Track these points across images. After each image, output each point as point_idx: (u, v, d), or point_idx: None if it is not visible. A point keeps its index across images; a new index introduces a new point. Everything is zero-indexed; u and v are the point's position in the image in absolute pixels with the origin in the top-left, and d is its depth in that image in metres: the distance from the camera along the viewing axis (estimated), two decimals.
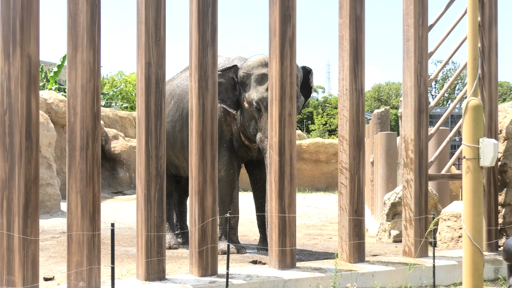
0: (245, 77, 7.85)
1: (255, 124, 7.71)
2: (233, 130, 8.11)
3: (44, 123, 14.39)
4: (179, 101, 8.57)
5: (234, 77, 7.92)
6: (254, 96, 7.63)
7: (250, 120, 7.75)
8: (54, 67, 28.55)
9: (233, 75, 7.93)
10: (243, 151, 8.18)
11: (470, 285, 4.39)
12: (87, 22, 5.33)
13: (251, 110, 7.68)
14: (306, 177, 24.52)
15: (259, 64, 7.81)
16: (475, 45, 4.65)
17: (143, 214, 5.69)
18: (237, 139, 8.10)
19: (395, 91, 61.23)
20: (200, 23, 6.02)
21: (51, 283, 6.05)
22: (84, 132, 5.30)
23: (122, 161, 22.14)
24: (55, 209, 14.11)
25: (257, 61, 7.86)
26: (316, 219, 14.14)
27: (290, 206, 6.39)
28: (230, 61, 8.41)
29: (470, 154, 4.47)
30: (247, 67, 7.89)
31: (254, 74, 7.77)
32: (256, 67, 7.81)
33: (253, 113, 7.67)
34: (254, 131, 7.72)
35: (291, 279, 5.98)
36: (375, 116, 16.34)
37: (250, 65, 7.89)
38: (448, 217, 8.45)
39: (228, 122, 8.10)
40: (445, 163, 9.22)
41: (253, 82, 7.74)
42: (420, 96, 7.08)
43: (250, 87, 7.75)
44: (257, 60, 7.87)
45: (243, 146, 8.14)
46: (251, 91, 7.70)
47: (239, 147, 8.13)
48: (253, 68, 7.81)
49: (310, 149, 24.73)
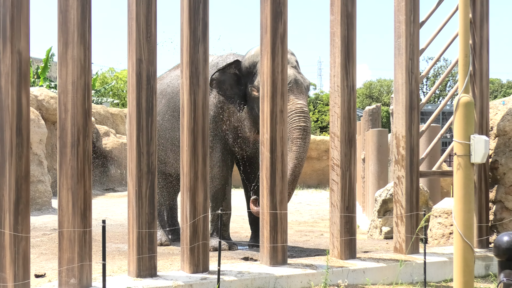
0: (252, 67, 7.83)
1: None
2: (230, 126, 8.06)
3: (35, 120, 14.34)
4: (170, 100, 8.54)
5: (237, 71, 7.89)
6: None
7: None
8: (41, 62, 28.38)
9: (235, 70, 7.90)
10: (237, 147, 8.15)
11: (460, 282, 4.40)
12: (78, 19, 5.31)
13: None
14: None
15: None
16: (467, 42, 4.65)
17: (135, 211, 5.68)
18: (233, 135, 8.06)
19: (386, 88, 61.28)
20: (191, 20, 6.01)
21: (42, 280, 6.04)
22: (75, 128, 5.28)
23: (113, 158, 22.08)
24: (46, 206, 14.06)
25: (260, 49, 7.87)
26: (308, 215, 14.15)
27: (282, 202, 6.39)
28: (223, 58, 8.38)
29: (461, 151, 4.47)
30: (251, 57, 7.90)
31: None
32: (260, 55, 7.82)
33: None
34: None
35: (282, 276, 5.98)
36: (367, 113, 16.35)
37: (254, 54, 7.88)
38: (439, 213, 8.47)
39: (225, 118, 8.06)
40: (436, 160, 9.24)
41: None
42: (411, 93, 7.09)
43: (258, 74, 7.70)
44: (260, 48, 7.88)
45: (239, 142, 8.10)
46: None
47: (234, 143, 8.11)
48: (258, 56, 7.78)
49: None
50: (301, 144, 7.47)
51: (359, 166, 15.67)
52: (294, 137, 7.45)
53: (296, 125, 7.45)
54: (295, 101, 7.52)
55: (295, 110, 7.48)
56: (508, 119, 7.56)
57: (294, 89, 7.62)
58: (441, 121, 48.50)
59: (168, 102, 8.56)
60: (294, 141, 7.45)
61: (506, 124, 7.56)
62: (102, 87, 34.06)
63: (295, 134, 7.44)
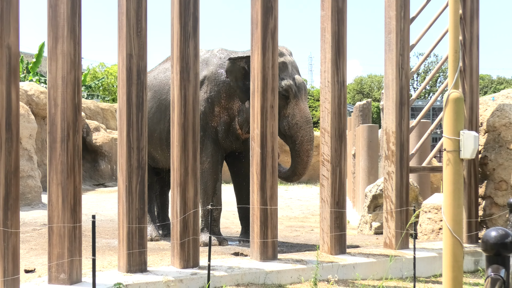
0: None
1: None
2: (221, 121, 8.05)
3: (24, 115, 14.28)
4: (156, 93, 8.53)
5: (246, 67, 7.88)
6: (282, 84, 7.60)
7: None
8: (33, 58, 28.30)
9: (245, 65, 7.88)
10: (228, 143, 8.14)
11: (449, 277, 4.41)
12: (68, 13, 5.29)
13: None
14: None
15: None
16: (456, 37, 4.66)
17: (125, 206, 5.68)
18: (223, 130, 8.05)
19: (377, 83, 61.37)
20: (182, 14, 6.00)
21: (32, 275, 6.02)
22: (65, 123, 5.27)
23: (103, 153, 22.03)
24: (36, 201, 14.02)
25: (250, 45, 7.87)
26: (298, 211, 14.17)
27: (272, 198, 6.39)
28: (213, 53, 8.37)
29: (451, 147, 4.48)
30: None
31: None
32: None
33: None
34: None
35: (272, 271, 5.99)
36: (357, 109, 16.38)
37: None
38: (429, 209, 8.50)
39: (216, 113, 8.04)
40: (426, 156, 9.27)
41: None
42: (401, 89, 7.10)
43: None
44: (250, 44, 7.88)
45: (229, 138, 8.09)
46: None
47: (224, 139, 8.09)
48: None
49: None
50: (311, 155, 7.71)
51: (350, 161, 15.69)
52: (305, 149, 7.66)
53: (308, 137, 7.66)
54: (304, 109, 7.69)
55: (306, 119, 7.66)
56: (497, 115, 7.59)
57: (303, 94, 7.72)
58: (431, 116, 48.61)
59: (154, 94, 8.56)
60: (305, 152, 7.68)
61: (496, 120, 7.59)
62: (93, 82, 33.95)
63: (306, 146, 7.67)
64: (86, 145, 21.50)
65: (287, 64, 7.74)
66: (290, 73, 7.73)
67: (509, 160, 7.43)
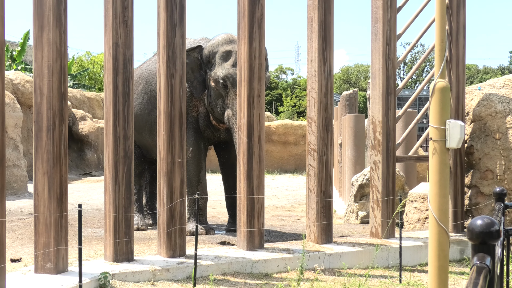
0: (210, 56, 7.83)
1: (222, 102, 7.66)
2: (200, 111, 8.06)
3: (10, 104, 14.20)
4: (147, 84, 8.51)
5: (199, 57, 7.88)
6: (220, 73, 7.59)
7: (217, 99, 7.71)
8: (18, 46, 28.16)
9: (198, 55, 7.88)
10: (209, 132, 8.14)
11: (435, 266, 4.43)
12: (54, 1, 5.26)
13: (218, 88, 7.65)
14: (275, 159, 24.55)
15: (223, 42, 7.80)
16: (443, 27, 4.67)
17: (111, 195, 5.67)
18: (203, 120, 8.06)
19: (363, 73, 61.47)
20: (168, 3, 5.98)
21: (18, 264, 6.00)
22: (51, 112, 5.25)
23: (90, 142, 21.97)
24: (22, 190, 13.97)
25: (221, 39, 7.85)
26: (285, 200, 14.19)
27: (259, 187, 6.40)
28: (195, 42, 8.36)
29: (437, 136, 4.49)
30: (211, 46, 7.88)
31: (219, 52, 7.74)
32: (220, 45, 7.79)
33: (220, 91, 7.63)
34: (222, 109, 7.68)
35: (259, 260, 6.01)
36: (344, 98, 16.39)
37: (214, 43, 7.87)
38: (415, 198, 8.53)
39: (194, 102, 8.06)
40: (412, 145, 9.30)
41: (218, 60, 7.72)
42: (388, 78, 7.11)
43: (216, 64, 7.72)
44: (222, 38, 7.86)
45: (210, 127, 8.10)
46: (217, 69, 7.67)
47: (205, 128, 8.09)
48: (218, 46, 7.79)
49: (279, 131, 24.74)
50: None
51: (336, 151, 15.72)
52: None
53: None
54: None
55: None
56: (483, 105, 7.62)
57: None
58: (417, 106, 48.75)
59: (145, 85, 8.54)
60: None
61: (482, 110, 7.62)
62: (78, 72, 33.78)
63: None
64: (72, 135, 21.42)
65: (233, 53, 7.72)
66: (234, 62, 7.68)
67: (495, 150, 7.47)
